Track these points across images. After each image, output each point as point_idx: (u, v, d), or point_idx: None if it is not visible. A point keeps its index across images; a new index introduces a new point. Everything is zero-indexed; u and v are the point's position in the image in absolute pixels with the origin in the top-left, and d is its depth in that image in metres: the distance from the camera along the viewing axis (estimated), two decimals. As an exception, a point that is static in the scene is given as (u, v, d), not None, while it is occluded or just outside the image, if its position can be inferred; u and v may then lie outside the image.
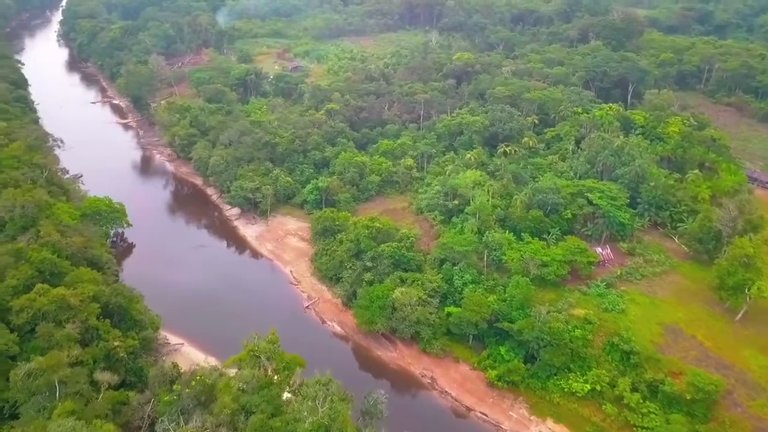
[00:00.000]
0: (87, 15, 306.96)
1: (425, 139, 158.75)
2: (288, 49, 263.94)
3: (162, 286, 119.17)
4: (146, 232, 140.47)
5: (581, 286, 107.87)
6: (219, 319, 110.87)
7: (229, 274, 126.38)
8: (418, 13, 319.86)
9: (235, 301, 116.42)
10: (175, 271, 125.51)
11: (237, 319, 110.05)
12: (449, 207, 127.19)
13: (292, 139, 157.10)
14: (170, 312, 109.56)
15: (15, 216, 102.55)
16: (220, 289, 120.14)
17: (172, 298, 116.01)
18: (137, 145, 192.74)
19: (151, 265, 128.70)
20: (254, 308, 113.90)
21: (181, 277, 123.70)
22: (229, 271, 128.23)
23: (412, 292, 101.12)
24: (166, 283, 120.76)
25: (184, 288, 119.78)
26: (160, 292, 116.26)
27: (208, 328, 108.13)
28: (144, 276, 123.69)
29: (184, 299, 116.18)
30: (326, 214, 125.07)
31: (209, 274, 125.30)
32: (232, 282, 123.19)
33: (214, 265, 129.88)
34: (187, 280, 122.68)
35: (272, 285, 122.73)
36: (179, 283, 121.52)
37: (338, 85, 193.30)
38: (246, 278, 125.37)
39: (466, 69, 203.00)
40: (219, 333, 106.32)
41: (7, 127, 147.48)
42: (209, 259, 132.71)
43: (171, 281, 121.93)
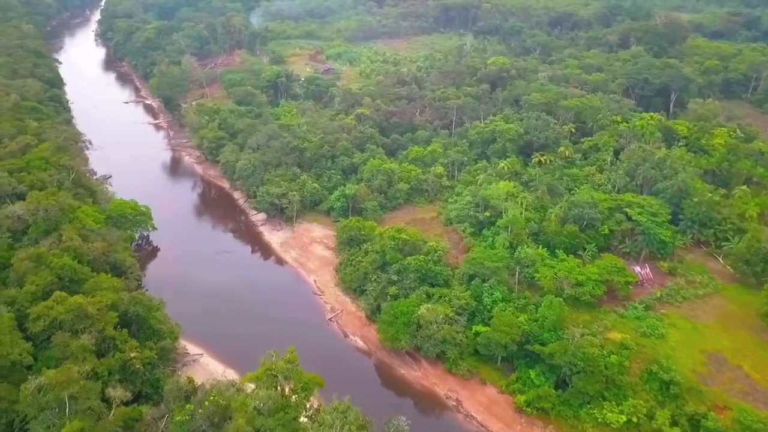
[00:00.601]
0: (124, 15, 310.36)
1: (457, 147, 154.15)
2: (320, 50, 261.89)
3: (184, 293, 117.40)
4: (172, 236, 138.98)
5: (618, 308, 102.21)
6: (240, 328, 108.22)
7: (253, 282, 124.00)
8: (453, 16, 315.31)
9: (257, 310, 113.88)
10: (198, 277, 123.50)
11: (258, 329, 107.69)
12: (480, 219, 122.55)
13: (320, 144, 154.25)
14: (191, 319, 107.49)
15: (38, 219, 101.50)
16: (243, 298, 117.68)
17: (194, 305, 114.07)
18: (167, 146, 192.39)
19: (174, 270, 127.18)
20: (276, 319, 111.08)
21: (205, 283, 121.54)
22: (252, 278, 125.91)
23: (438, 309, 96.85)
24: (188, 290, 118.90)
25: (207, 295, 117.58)
26: (182, 298, 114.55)
27: (228, 338, 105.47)
28: (167, 281, 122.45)
29: (206, 306, 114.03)
30: (351, 223, 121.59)
31: (233, 282, 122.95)
32: (256, 290, 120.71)
33: (238, 271, 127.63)
34: (210, 286, 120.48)
35: (295, 295, 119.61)
36: (202, 289, 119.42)
37: (369, 89, 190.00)
38: (269, 287, 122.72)
39: (501, 74, 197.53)
40: (240, 344, 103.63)
41: (38, 127, 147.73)
42: (233, 265, 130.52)
43: (194, 287, 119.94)
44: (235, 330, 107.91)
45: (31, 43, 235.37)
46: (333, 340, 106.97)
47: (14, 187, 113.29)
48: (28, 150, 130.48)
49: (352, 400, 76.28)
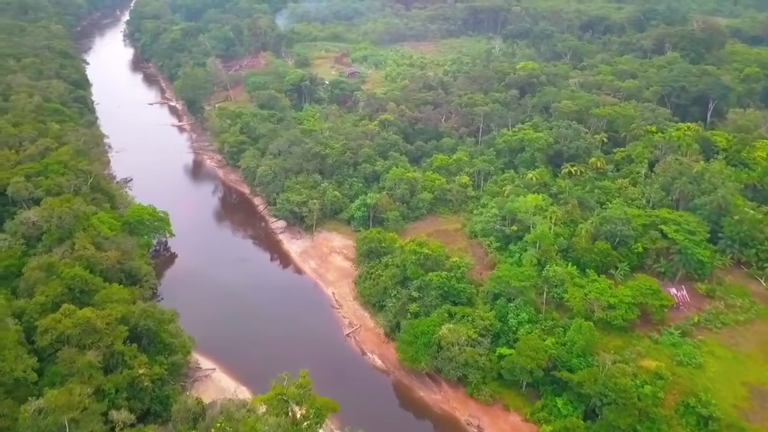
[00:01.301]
0: (152, 15, 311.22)
1: (483, 155, 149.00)
2: (346, 53, 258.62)
3: (200, 302, 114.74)
4: (190, 242, 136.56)
5: (652, 333, 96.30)
6: (256, 342, 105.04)
7: (270, 293, 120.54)
8: (481, 19, 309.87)
9: (273, 322, 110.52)
10: (215, 286, 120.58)
11: (274, 343, 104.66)
12: (506, 233, 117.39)
13: (342, 150, 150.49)
14: (206, 331, 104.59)
15: (52, 227, 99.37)
16: (260, 309, 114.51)
17: (209, 315, 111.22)
18: (189, 149, 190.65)
19: (191, 277, 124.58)
20: (293, 332, 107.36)
21: (221, 293, 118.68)
22: (270, 288, 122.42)
23: (461, 329, 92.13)
24: (204, 299, 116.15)
25: (223, 305, 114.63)
26: (197, 308, 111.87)
27: (243, 352, 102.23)
28: (183, 290, 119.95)
29: (221, 317, 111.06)
30: (372, 234, 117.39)
31: (250, 292, 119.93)
32: (273, 301, 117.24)
33: (256, 281, 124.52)
34: (226, 296, 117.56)
35: (313, 307, 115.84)
36: (218, 299, 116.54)
37: (394, 94, 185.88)
38: (287, 298, 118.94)
39: (530, 80, 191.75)
40: (254, 358, 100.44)
41: (59, 130, 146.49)
42: (251, 274, 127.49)
43: (210, 297, 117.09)
44: (250, 343, 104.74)
45: (58, 44, 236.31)
46: (350, 358, 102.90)
47: (31, 192, 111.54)
48: (48, 153, 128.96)
49: (368, 421, 72.29)
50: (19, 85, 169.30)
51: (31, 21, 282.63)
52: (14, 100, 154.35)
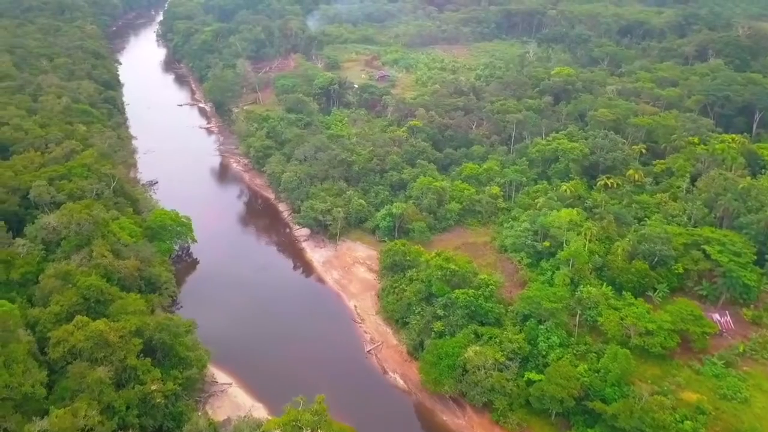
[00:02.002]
0: (184, 16, 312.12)
1: (515, 165, 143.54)
2: (377, 56, 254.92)
3: (220, 311, 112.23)
4: (213, 247, 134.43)
5: (693, 362, 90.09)
6: (274, 355, 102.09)
7: (291, 303, 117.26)
8: (516, 22, 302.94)
9: (293, 335, 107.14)
10: (235, 295, 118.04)
11: (293, 357, 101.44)
12: (538, 249, 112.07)
13: (369, 157, 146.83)
14: (223, 342, 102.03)
15: (70, 233, 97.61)
16: (280, 320, 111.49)
17: (228, 325, 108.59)
18: (216, 152, 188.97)
19: (212, 285, 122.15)
20: (313, 347, 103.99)
21: (241, 302, 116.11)
22: (291, 299, 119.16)
23: (487, 352, 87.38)
24: (224, 308, 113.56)
25: (243, 315, 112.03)
26: (216, 317, 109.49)
27: (260, 366, 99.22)
28: (203, 298, 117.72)
29: (240, 328, 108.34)
30: (396, 247, 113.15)
31: (270, 302, 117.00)
32: (293, 313, 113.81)
33: (277, 291, 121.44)
34: (246, 305, 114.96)
35: (334, 320, 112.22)
36: (238, 308, 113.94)
37: (424, 99, 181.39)
38: (308, 310, 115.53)
39: (566, 86, 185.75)
40: (272, 373, 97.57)
41: (86, 132, 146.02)
42: (272, 283, 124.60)
43: (230, 306, 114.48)
44: (269, 356, 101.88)
45: (91, 44, 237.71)
46: (371, 376, 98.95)
47: (53, 196, 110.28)
48: (73, 156, 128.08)
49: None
50: (49, 85, 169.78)
51: (67, 21, 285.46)
52: (43, 101, 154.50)
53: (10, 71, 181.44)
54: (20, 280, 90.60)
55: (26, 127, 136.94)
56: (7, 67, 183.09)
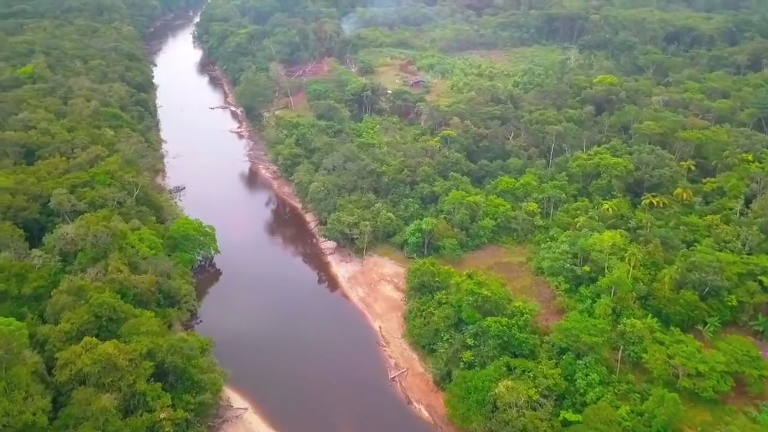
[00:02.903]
0: (221, 18, 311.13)
1: (554, 180, 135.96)
2: (412, 60, 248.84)
3: (239, 329, 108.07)
4: (236, 257, 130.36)
5: (749, 408, 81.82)
6: (293, 378, 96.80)
7: (313, 321, 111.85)
8: (556, 27, 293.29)
9: (314, 356, 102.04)
10: (256, 310, 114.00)
11: (313, 380, 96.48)
12: (577, 273, 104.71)
13: (400, 168, 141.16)
14: (241, 362, 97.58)
15: (87, 245, 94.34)
16: (301, 340, 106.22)
17: (247, 344, 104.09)
18: (245, 157, 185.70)
19: (234, 298, 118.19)
20: (334, 370, 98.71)
21: (262, 316, 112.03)
22: (313, 316, 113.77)
23: (520, 388, 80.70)
24: (243, 325, 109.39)
25: (263, 333, 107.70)
26: (235, 335, 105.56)
27: (278, 390, 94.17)
28: (223, 312, 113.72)
29: (260, 347, 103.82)
30: (425, 267, 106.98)
31: (292, 318, 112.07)
32: (315, 332, 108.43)
33: (299, 307, 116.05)
34: (267, 322, 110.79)
35: (357, 342, 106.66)
36: (259, 325, 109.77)
37: (459, 107, 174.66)
38: (330, 329, 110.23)
39: (609, 96, 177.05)
40: (290, 398, 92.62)
41: (113, 136, 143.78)
42: (295, 299, 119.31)
43: (250, 323, 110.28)
44: (287, 379, 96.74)
45: (126, 46, 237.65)
46: (394, 405, 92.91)
47: (73, 205, 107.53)
48: (97, 162, 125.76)
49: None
50: (80, 88, 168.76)
51: (105, 22, 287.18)
52: (72, 104, 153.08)
53: (44, 73, 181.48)
54: (33, 295, 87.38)
55: (53, 131, 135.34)
56: (41, 69, 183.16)
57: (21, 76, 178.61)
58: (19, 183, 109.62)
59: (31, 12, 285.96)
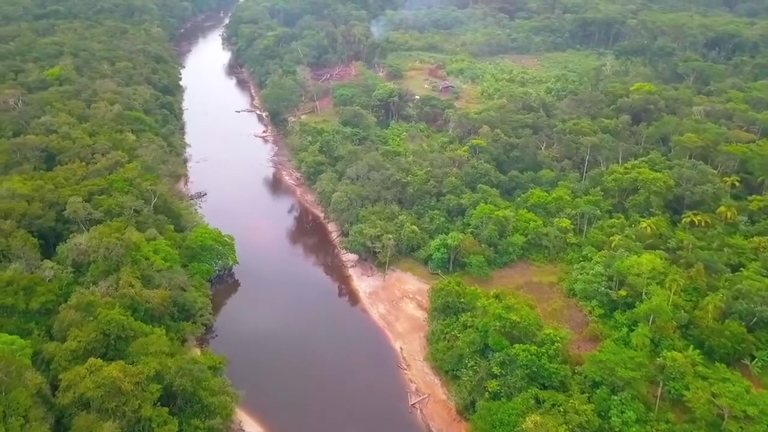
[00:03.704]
0: (249, 20, 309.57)
1: (588, 195, 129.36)
2: (442, 65, 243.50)
3: (255, 343, 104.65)
4: (256, 267, 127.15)
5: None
6: (308, 400, 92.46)
7: (332, 339, 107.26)
8: (592, 32, 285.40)
9: (331, 377, 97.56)
10: (274, 325, 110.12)
11: (330, 404, 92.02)
12: (613, 298, 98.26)
13: (426, 178, 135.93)
14: (256, 381, 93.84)
15: (98, 258, 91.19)
16: (318, 358, 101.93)
17: (263, 362, 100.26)
18: (269, 162, 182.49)
19: (251, 311, 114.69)
20: (351, 393, 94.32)
21: (280, 334, 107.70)
22: (332, 333, 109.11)
23: (549, 424, 74.88)
24: (260, 341, 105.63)
25: (280, 350, 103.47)
26: (251, 352, 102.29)
27: (292, 413, 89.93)
28: (240, 327, 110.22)
29: (276, 365, 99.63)
30: (449, 286, 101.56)
31: (310, 335, 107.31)
32: (333, 351, 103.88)
33: (318, 323, 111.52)
34: (284, 338, 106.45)
35: (377, 363, 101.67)
36: (276, 342, 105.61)
37: (489, 115, 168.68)
38: (349, 347, 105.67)
39: (646, 105, 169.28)
40: (304, 422, 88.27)
41: (135, 141, 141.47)
42: (314, 313, 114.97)
43: (268, 339, 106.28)
44: (303, 400, 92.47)
45: (154, 48, 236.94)
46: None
47: (89, 213, 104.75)
48: (117, 168, 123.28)
49: None
50: (104, 91, 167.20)
51: (135, 23, 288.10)
52: (95, 108, 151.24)
53: (70, 75, 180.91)
54: (41, 309, 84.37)
55: (74, 135, 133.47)
56: (68, 71, 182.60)
57: (48, 78, 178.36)
58: (35, 190, 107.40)
59: (64, 13, 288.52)
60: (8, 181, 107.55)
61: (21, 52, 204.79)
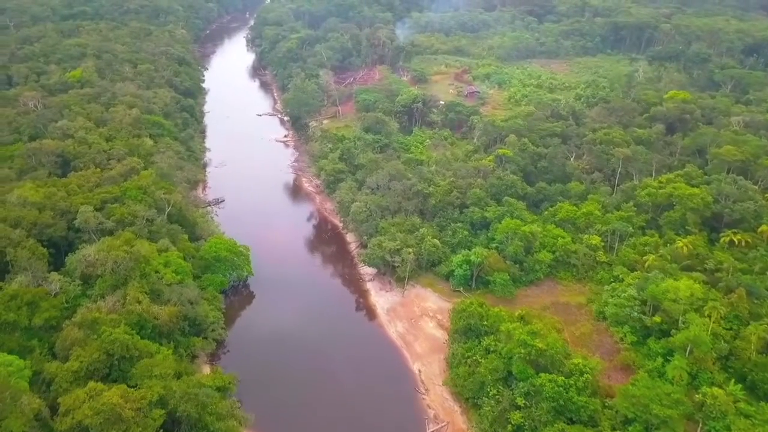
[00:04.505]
0: (274, 22, 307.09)
1: (620, 211, 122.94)
2: (468, 69, 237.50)
3: (267, 362, 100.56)
4: (272, 277, 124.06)
5: None
6: (321, 424, 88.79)
7: (347, 357, 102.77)
8: (623, 36, 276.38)
9: (345, 399, 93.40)
10: (287, 341, 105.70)
11: (343, 429, 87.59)
12: (646, 324, 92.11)
13: (449, 189, 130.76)
14: (267, 402, 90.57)
15: (106, 272, 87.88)
16: (333, 378, 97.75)
17: (274, 380, 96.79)
18: (289, 168, 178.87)
19: (265, 324, 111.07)
20: (367, 418, 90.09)
21: (294, 348, 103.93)
22: (347, 351, 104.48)
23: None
24: (273, 358, 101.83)
25: (292, 368, 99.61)
26: (263, 369, 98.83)
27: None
28: (252, 342, 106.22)
29: (289, 386, 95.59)
30: (472, 308, 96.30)
31: (325, 352, 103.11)
32: (349, 371, 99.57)
33: (334, 340, 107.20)
34: (298, 356, 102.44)
35: (393, 386, 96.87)
36: (289, 357, 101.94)
37: (516, 123, 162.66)
38: (365, 367, 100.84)
39: (682, 114, 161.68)
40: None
41: (152, 147, 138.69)
42: (330, 328, 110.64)
43: (280, 356, 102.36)
44: (315, 425, 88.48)
45: (177, 50, 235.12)
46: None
47: (100, 223, 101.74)
48: (132, 175, 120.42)
49: None
50: (124, 94, 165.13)
51: (160, 24, 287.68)
52: (113, 112, 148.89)
53: (91, 77, 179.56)
54: (44, 326, 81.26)
55: (91, 140, 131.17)
56: (89, 73, 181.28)
57: (69, 80, 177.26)
58: (47, 197, 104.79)
59: (91, 14, 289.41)
60: (20, 189, 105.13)
61: (45, 53, 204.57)
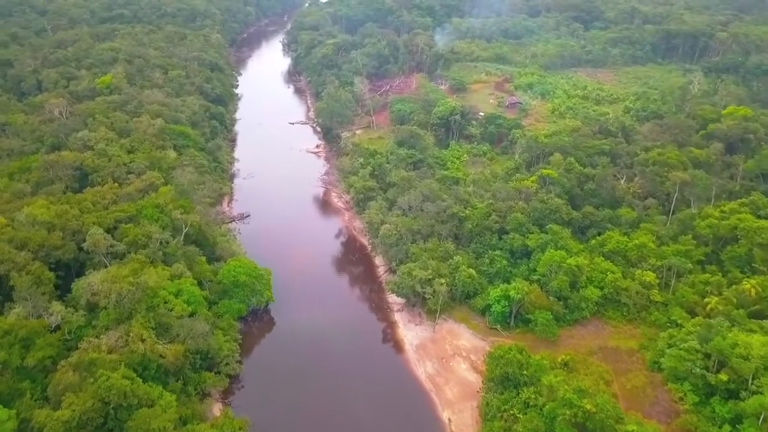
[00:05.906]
0: (310, 27, 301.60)
1: (677, 244, 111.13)
2: (509, 78, 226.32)
3: (284, 401, 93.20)
4: (294, 302, 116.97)
5: None
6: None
7: (370, 399, 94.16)
8: (675, 45, 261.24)
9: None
10: (307, 377, 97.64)
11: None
12: (710, 381, 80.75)
13: (487, 212, 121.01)
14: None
15: (109, 304, 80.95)
16: (354, 424, 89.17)
17: (290, 426, 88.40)
18: (319, 181, 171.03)
19: (284, 356, 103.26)
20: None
21: (313, 389, 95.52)
22: (371, 392, 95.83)
23: None
24: (291, 397, 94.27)
25: (311, 408, 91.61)
26: (280, 409, 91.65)
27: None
28: (268, 377, 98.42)
29: (305, 428, 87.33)
30: (510, 354, 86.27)
31: (348, 395, 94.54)
32: (371, 414, 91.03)
33: (358, 378, 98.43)
34: (318, 395, 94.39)
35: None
36: (308, 398, 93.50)
37: (561, 140, 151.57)
38: (389, 412, 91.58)
39: (744, 134, 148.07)
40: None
41: (175, 160, 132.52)
42: (354, 363, 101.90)
43: (298, 393, 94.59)
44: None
45: (210, 55, 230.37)
46: None
47: (111, 245, 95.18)
48: (151, 191, 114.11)
49: None
50: (151, 102, 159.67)
51: (196, 28, 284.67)
52: (137, 122, 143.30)
53: (121, 83, 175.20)
54: (38, 366, 74.50)
55: (111, 152, 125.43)
56: (119, 79, 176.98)
57: (98, 87, 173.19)
58: (59, 216, 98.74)
59: (129, 17, 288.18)
60: (30, 206, 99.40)
61: (77, 57, 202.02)
